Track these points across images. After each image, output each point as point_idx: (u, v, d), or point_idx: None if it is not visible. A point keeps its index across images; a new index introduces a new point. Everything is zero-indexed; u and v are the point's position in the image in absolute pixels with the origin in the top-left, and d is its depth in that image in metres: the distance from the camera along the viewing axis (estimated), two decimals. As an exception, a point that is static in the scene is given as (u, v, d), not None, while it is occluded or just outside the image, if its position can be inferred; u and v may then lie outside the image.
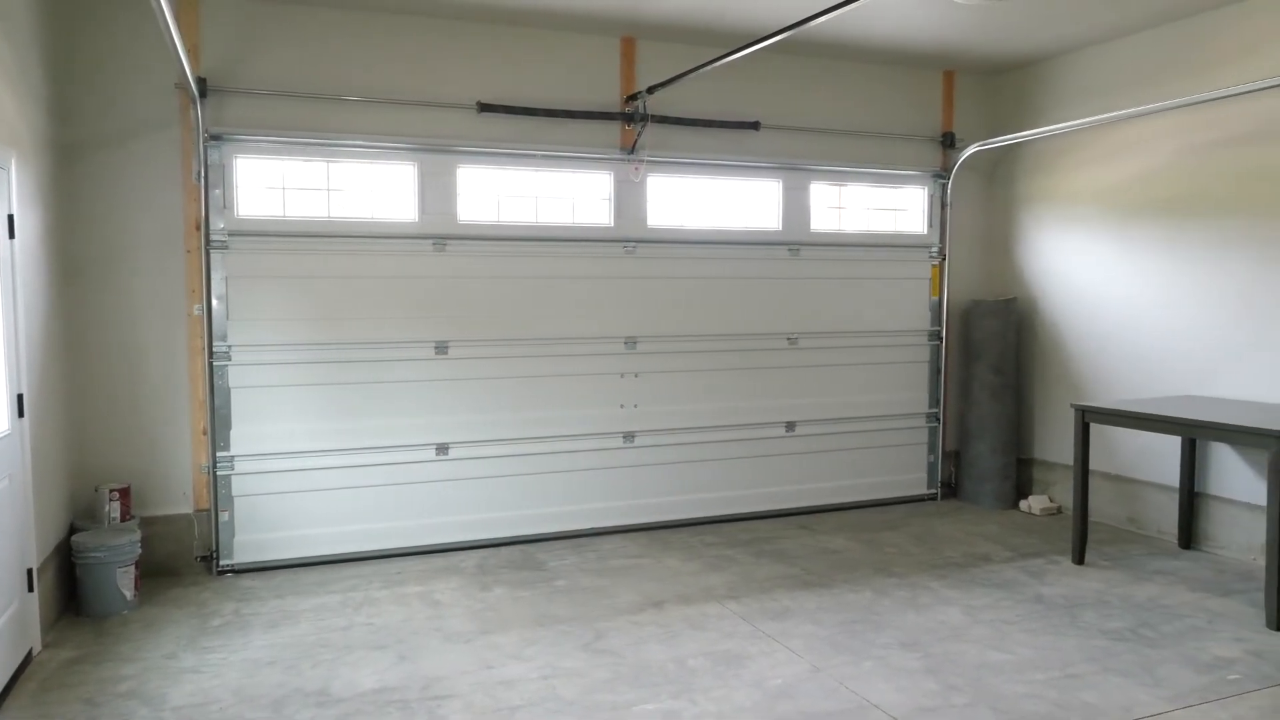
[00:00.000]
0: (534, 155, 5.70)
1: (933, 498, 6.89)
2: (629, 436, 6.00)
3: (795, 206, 6.41)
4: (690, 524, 6.16)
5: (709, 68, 5.24)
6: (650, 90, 5.67)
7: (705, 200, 6.21)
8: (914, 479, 6.86)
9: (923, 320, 6.82)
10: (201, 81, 4.96)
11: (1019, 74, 6.77)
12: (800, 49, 6.20)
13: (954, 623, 4.31)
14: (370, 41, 5.33)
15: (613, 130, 5.89)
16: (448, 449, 5.56)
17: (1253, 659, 3.88)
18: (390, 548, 5.47)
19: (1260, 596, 4.63)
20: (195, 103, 4.89)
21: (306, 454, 5.28)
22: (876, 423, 6.69)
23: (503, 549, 5.62)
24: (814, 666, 3.82)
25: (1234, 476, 5.36)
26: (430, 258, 5.50)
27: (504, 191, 5.71)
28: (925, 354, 6.84)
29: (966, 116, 6.93)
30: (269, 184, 5.23)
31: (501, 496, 5.70)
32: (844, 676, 3.72)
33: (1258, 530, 5.20)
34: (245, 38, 5.10)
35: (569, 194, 5.87)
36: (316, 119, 5.25)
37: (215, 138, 5.04)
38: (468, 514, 5.63)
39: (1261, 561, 5.16)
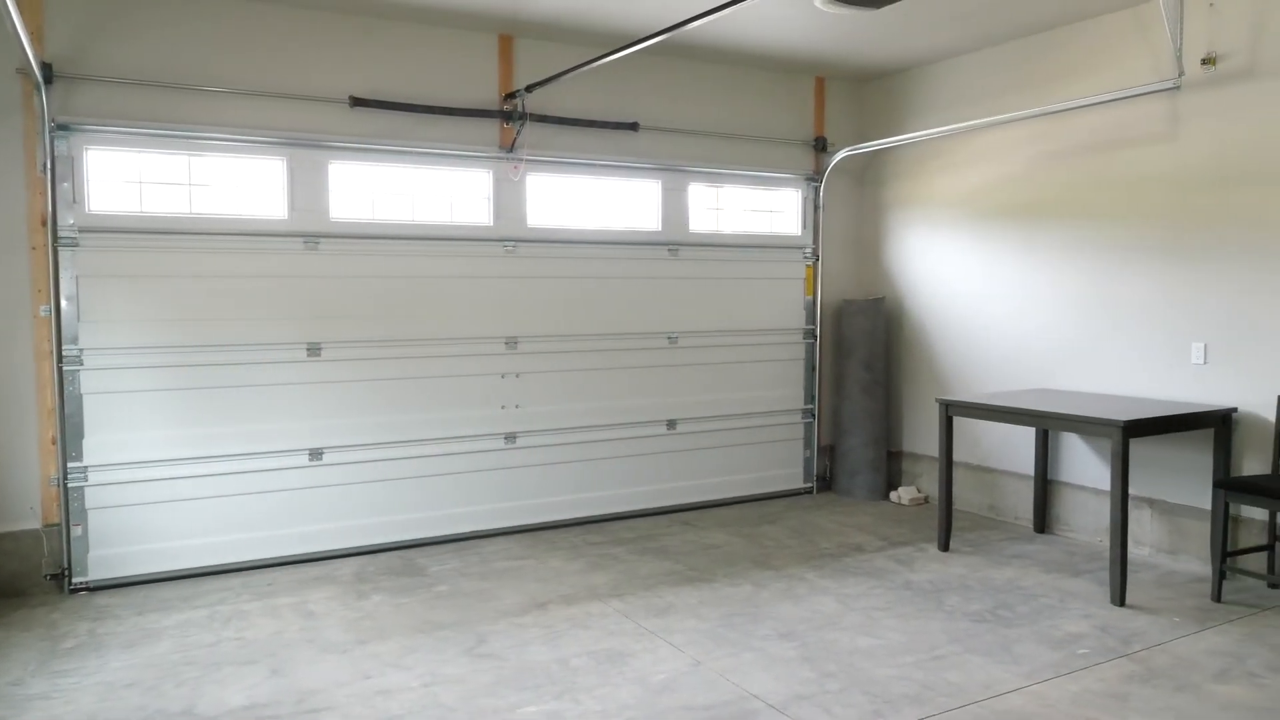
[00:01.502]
0: (410, 152, 5.59)
1: (809, 491, 7.10)
2: (511, 437, 5.95)
3: (674, 207, 6.50)
4: (574, 524, 6.16)
5: (588, 68, 5.25)
6: (529, 89, 5.64)
7: (586, 200, 6.22)
8: (791, 473, 7.05)
9: (798, 319, 7.02)
10: (46, 67, 4.64)
11: (886, 82, 7.05)
12: (678, 52, 6.28)
13: (829, 611, 4.46)
14: (236, 30, 5.11)
15: (491, 128, 5.83)
16: (321, 454, 5.39)
17: (1100, 633, 4.15)
18: (261, 558, 5.25)
19: (1106, 575, 4.97)
20: (39, 89, 4.57)
21: (169, 463, 5.02)
22: (755, 419, 6.85)
23: (381, 555, 5.48)
24: (696, 660, 3.88)
25: (1083, 464, 5.73)
26: (301, 256, 5.31)
27: (379, 189, 5.57)
28: (800, 352, 7.05)
29: (837, 121, 7.17)
30: (126, 178, 4.94)
31: (379, 501, 5.56)
32: (725, 669, 3.80)
33: (1104, 514, 5.57)
34: (97, 21, 4.80)
35: (447, 192, 5.77)
36: (177, 110, 4.99)
37: (63, 127, 4.73)
38: (344, 520, 5.47)
39: (1107, 542, 5.53)
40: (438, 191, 5.75)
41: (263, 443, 5.23)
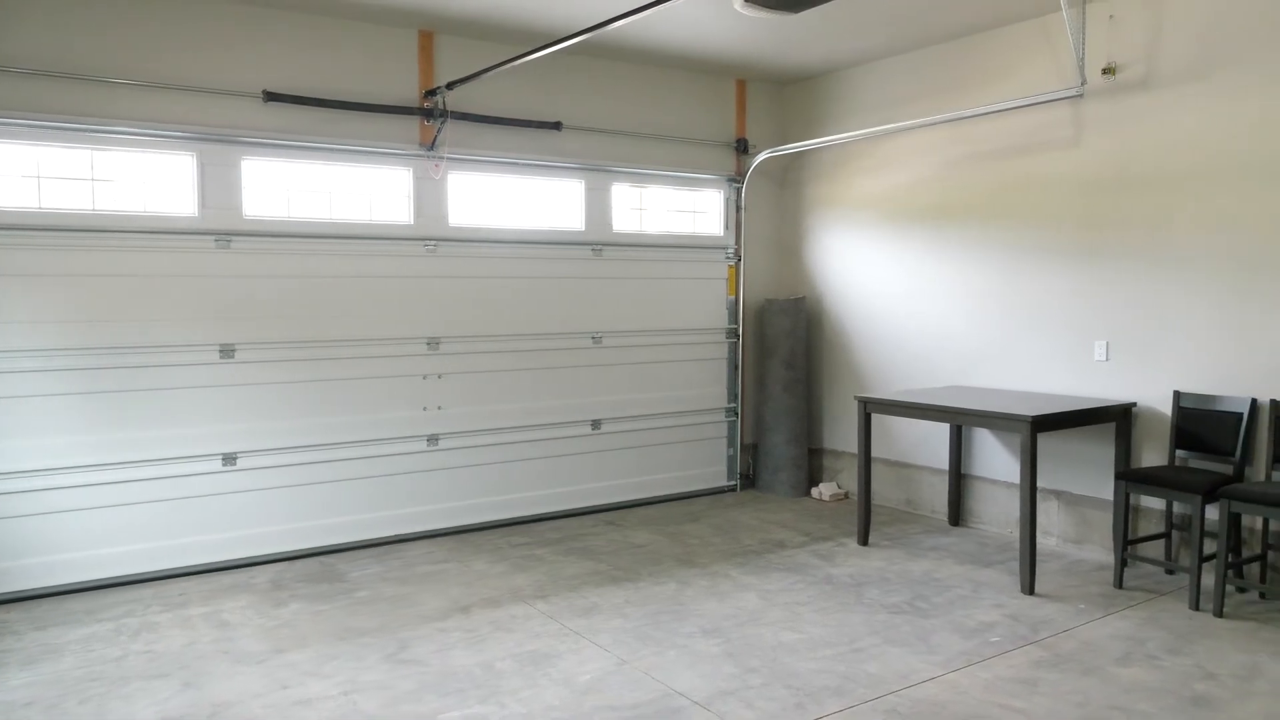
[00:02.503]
0: (327, 149, 5.46)
1: (733, 489, 7.18)
2: (433, 439, 5.87)
3: (598, 207, 6.50)
4: (498, 526, 6.11)
5: (510, 66, 5.22)
6: (450, 86, 5.57)
7: (509, 199, 6.17)
8: (715, 471, 7.12)
9: (720, 319, 7.09)
10: (-66, 55, 4.41)
11: (806, 85, 7.17)
12: (602, 52, 6.28)
13: (752, 607, 4.52)
14: (142, 21, 4.92)
15: (411, 125, 5.74)
16: (236, 459, 5.23)
17: (1010, 621, 4.30)
18: (172, 568, 5.08)
19: (1016, 565, 5.15)
20: (-74, 79, 4.34)
21: (72, 470, 4.81)
22: (679, 418, 6.89)
23: (299, 561, 5.35)
24: (621, 660, 3.89)
25: (994, 459, 5.93)
26: (213, 255, 5.15)
27: (295, 186, 5.44)
28: (723, 351, 7.12)
29: (759, 123, 7.27)
30: (22, 172, 4.72)
31: (297, 506, 5.43)
32: (650, 667, 3.81)
33: (1014, 506, 5.77)
34: (-12, 9, 4.57)
35: (366, 190, 5.66)
36: (79, 102, 4.79)
37: (-47, 119, 4.50)
38: (259, 526, 5.32)
39: (1017, 534, 5.73)
40: (356, 189, 5.63)
41: (174, 448, 5.06)
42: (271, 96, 5.23)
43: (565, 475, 6.40)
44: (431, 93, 5.69)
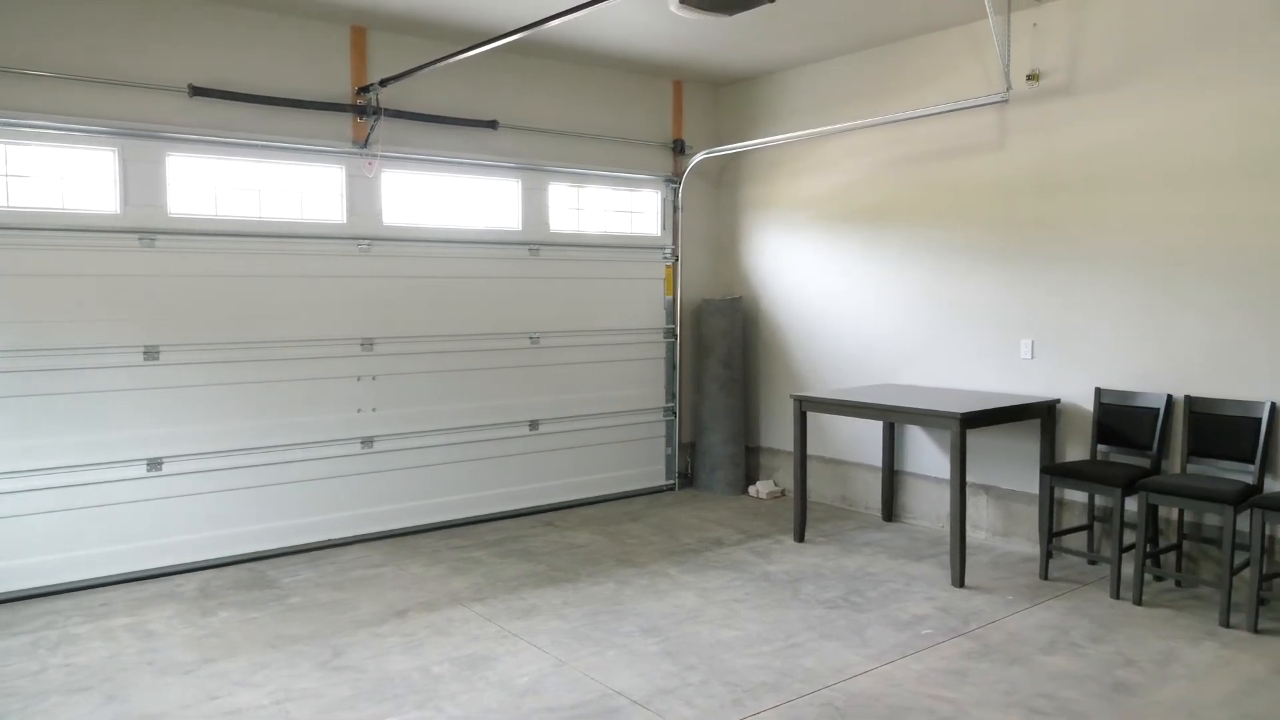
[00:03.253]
0: (256, 145, 5.34)
1: (671, 488, 7.22)
2: (368, 441, 5.78)
3: (535, 206, 6.47)
4: (436, 528, 6.04)
5: (444, 63, 5.17)
6: (383, 83, 5.49)
7: (444, 198, 6.11)
8: (653, 471, 7.14)
9: (658, 319, 7.12)
10: None
11: (741, 87, 7.24)
12: (538, 51, 6.26)
13: (690, 605, 4.54)
14: (58, 10, 4.74)
15: (344, 123, 5.64)
16: (161, 464, 5.08)
17: (942, 614, 4.40)
18: (94, 577, 4.90)
19: (947, 559, 5.27)
20: None
21: (-16, 477, 4.62)
22: (617, 418, 6.90)
23: (229, 569, 5.22)
24: (559, 660, 3.88)
25: (925, 455, 6.06)
26: (136, 254, 4.99)
27: (223, 183, 5.30)
28: (661, 351, 7.15)
29: (695, 124, 7.31)
30: (-72, 167, 4.52)
31: (226, 512, 5.29)
32: (589, 667, 3.81)
33: (945, 501, 5.91)
34: (-108, -5, 4.36)
35: (297, 188, 5.55)
36: (-11, 94, 4.60)
37: None
38: (186, 533, 5.17)
39: (948, 528, 5.87)
40: (287, 187, 5.52)
41: (95, 453, 4.89)
42: (198, 91, 5.09)
43: (503, 476, 6.35)
44: (364, 89, 5.60)
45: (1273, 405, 4.48)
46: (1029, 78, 5.32)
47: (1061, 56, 5.21)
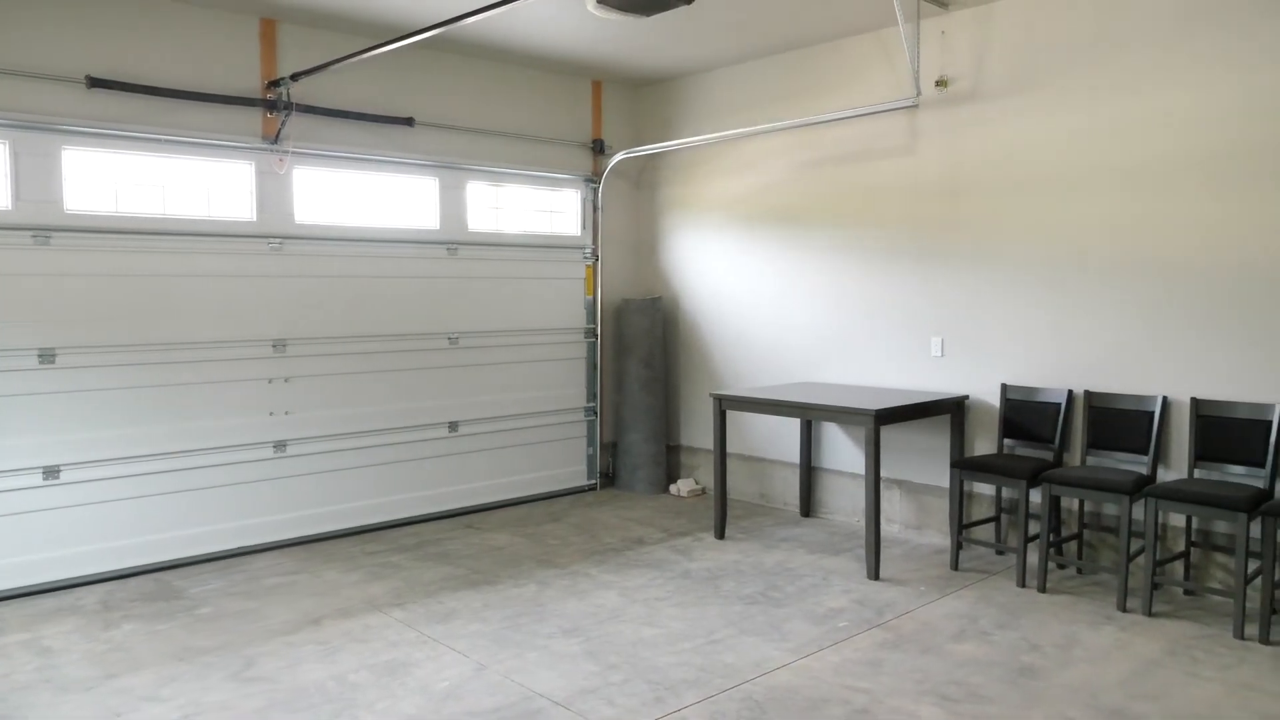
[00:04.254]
0: (160, 140, 5.14)
1: (592, 488, 7.21)
2: (280, 446, 5.62)
3: (453, 205, 6.39)
4: (353, 533, 5.91)
5: (358, 59, 5.06)
6: (294, 77, 5.35)
7: (359, 196, 5.98)
8: (575, 471, 7.13)
9: (579, 319, 7.11)
10: None
11: (660, 87, 7.28)
12: (456, 48, 6.18)
13: (612, 605, 4.55)
14: (-61, -5, 4.50)
15: (253, 117, 5.48)
16: (58, 472, 4.85)
17: (857, 606, 4.50)
18: (-15, 592, 4.67)
19: (863, 552, 5.39)
20: None
21: None
22: (538, 419, 6.87)
23: (133, 580, 5.01)
24: (480, 664, 3.84)
25: (842, 451, 6.19)
26: (29, 253, 4.75)
27: (124, 179, 5.09)
28: (582, 351, 7.14)
29: (615, 124, 7.32)
30: None
31: (130, 521, 5.09)
32: (509, 670, 3.78)
33: (860, 496, 6.05)
34: None
35: (204, 184, 5.37)
36: None
37: None
38: (87, 544, 4.95)
39: (863, 522, 6.00)
40: (193, 183, 5.33)
41: (-16, 462, 4.65)
42: (96, 82, 4.88)
43: (422, 479, 6.26)
44: (275, 83, 5.45)
45: (1164, 399, 4.71)
46: (938, 83, 5.49)
47: (967, 64, 5.39)
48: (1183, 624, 4.23)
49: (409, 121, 6.08)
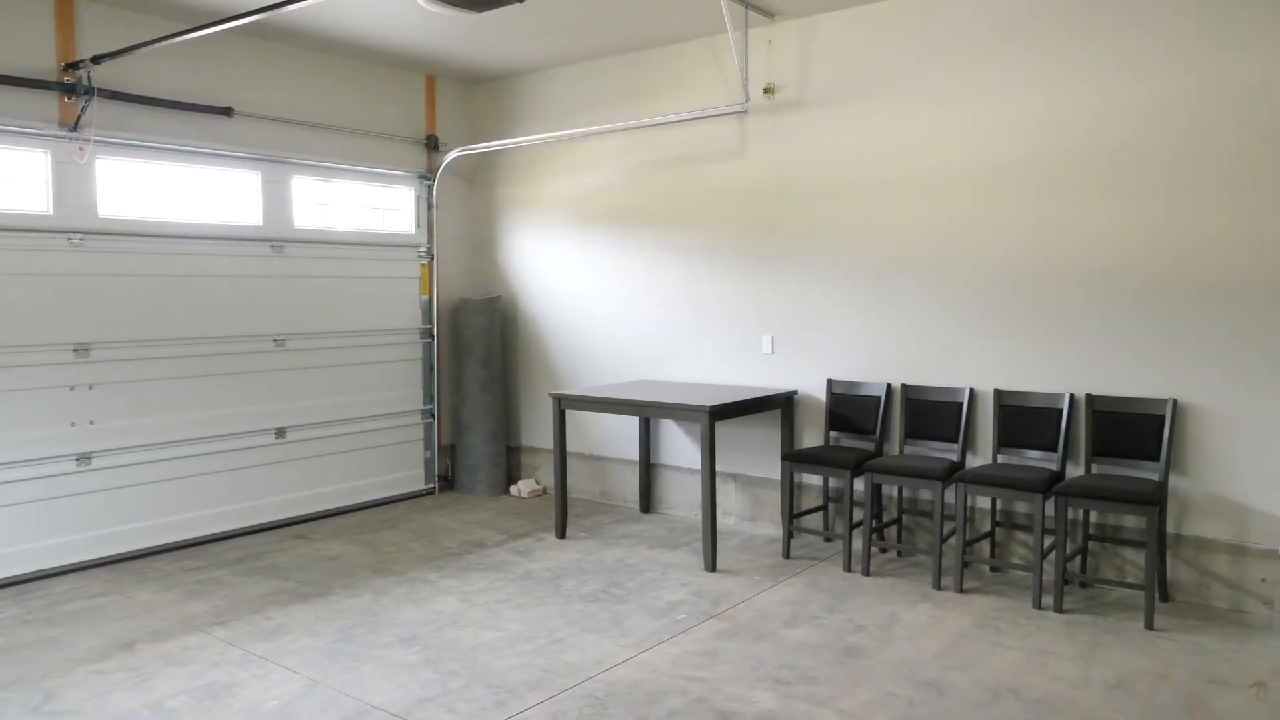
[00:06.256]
0: (-66, 124, 4.65)
1: (431, 492, 7.06)
2: (84, 458, 5.19)
3: (277, 201, 6.09)
4: (169, 549, 5.54)
5: (169, 42, 4.75)
6: (96, 60, 4.96)
7: (174, 190, 5.61)
8: (412, 475, 6.95)
9: (414, 319, 6.94)
10: None
11: (496, 85, 7.20)
12: (279, 35, 5.89)
13: (451, 611, 4.47)
14: None
15: (48, 102, 5.03)
16: None
17: (695, 599, 4.61)
18: None
19: (700, 546, 5.53)
20: None
21: None
22: (372, 422, 6.65)
23: (-92, 612, 4.51)
24: (311, 680, 3.69)
25: (679, 447, 6.32)
26: None
27: (-110, 166, 4.57)
28: (418, 351, 6.97)
29: (449, 121, 7.19)
30: None
31: (-97, 547, 4.57)
32: (343, 684, 3.65)
33: (697, 491, 6.20)
34: None
35: (-11, 174, 4.89)
36: None
37: None
38: None
39: (701, 516, 6.15)
40: (-24, 172, 4.85)
41: None
42: None
43: (247, 489, 5.93)
44: (73, 66, 5.02)
45: (972, 391, 5.07)
46: (766, 90, 5.69)
47: (794, 73, 5.62)
48: (989, 598, 4.57)
49: (228, 111, 5.75)
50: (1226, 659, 3.83)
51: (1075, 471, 4.80)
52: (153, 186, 5.52)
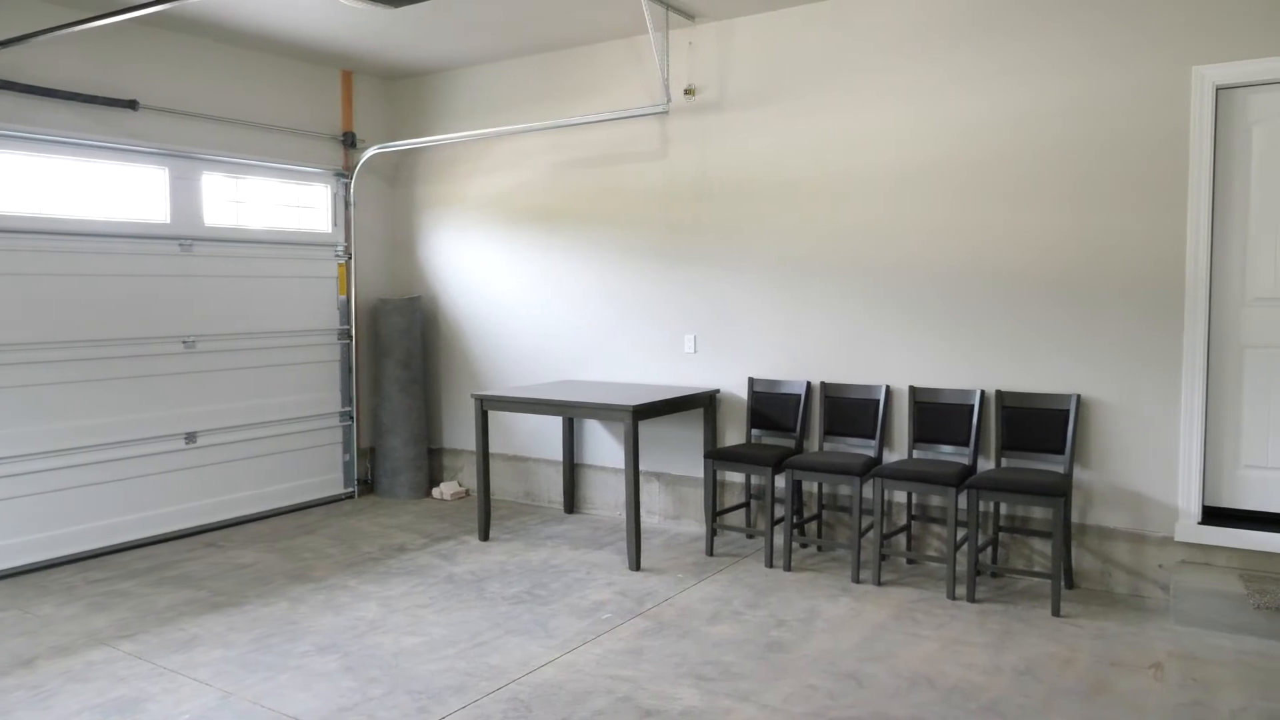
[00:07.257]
0: None
1: (350, 496, 6.91)
2: (-22, 467, 4.94)
3: (185, 198, 5.88)
4: (70, 561, 5.30)
5: (66, 31, 4.54)
6: (-13, 49, 4.72)
7: (72, 185, 5.37)
8: (330, 479, 6.80)
9: (331, 319, 6.78)
10: None
11: (415, 82, 7.09)
12: (186, 26, 5.69)
13: (371, 617, 4.39)
14: None
15: (-66, 92, 4.77)
16: None
17: (620, 598, 4.62)
18: None
19: (624, 545, 5.54)
20: None
21: None
22: (288, 426, 6.48)
23: None
24: (225, 692, 3.57)
25: (603, 447, 6.33)
26: None
27: None
28: (336, 353, 6.82)
29: (367, 118, 7.05)
30: None
31: None
32: (259, 695, 3.55)
33: (621, 490, 6.21)
34: None
35: None
36: None
37: None
38: None
39: (625, 515, 6.17)
40: None
41: None
42: None
43: (155, 496, 5.72)
44: (-39, 54, 4.78)
45: (888, 388, 5.20)
46: (686, 92, 5.73)
47: (713, 75, 5.67)
48: (906, 590, 4.69)
49: (132, 105, 5.54)
50: (1127, 642, 4.00)
51: (986, 465, 4.96)
52: (51, 182, 5.27)
